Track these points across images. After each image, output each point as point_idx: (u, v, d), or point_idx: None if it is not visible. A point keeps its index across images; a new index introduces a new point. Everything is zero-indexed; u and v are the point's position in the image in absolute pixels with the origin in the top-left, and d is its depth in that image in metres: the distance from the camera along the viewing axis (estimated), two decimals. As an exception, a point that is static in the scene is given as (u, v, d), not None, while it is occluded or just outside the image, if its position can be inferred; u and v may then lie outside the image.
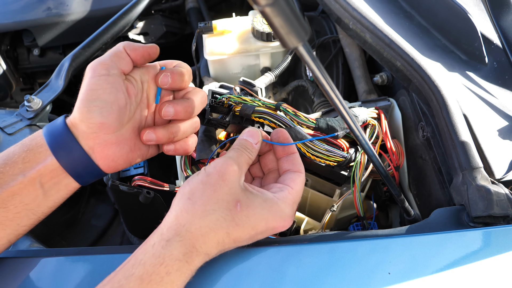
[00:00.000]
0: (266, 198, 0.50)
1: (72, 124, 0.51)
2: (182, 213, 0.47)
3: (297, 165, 0.56)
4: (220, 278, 0.50)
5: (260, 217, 0.49)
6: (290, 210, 0.51)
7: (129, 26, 1.11)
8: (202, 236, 0.46)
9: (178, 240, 0.45)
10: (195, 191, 0.48)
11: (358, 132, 0.50)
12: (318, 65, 0.42)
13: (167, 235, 0.46)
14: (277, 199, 0.51)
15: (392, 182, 0.59)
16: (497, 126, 0.66)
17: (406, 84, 0.74)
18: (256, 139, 0.55)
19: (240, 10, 1.46)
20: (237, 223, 0.47)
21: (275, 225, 0.50)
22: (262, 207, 0.49)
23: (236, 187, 0.49)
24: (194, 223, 0.46)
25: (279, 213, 0.50)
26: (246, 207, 0.48)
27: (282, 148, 0.57)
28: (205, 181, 0.48)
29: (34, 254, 0.57)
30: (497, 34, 0.71)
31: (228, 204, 0.47)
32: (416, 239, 0.53)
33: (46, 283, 0.54)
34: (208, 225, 0.46)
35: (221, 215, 0.47)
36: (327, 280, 0.49)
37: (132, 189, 0.73)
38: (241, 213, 0.48)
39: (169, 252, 0.44)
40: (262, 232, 0.50)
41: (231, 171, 0.49)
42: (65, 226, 0.89)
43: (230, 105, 0.68)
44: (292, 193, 0.52)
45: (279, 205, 0.50)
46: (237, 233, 0.48)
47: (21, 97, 1.31)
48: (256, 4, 0.35)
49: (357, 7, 0.79)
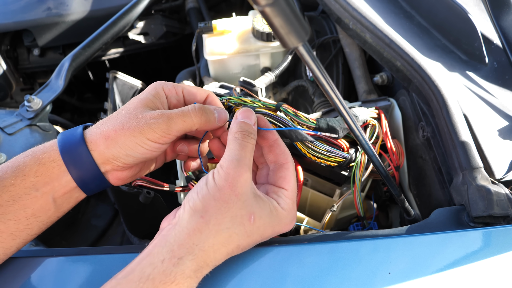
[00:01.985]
0: (273, 207, 0.50)
1: (91, 142, 0.50)
2: (195, 232, 0.45)
3: (281, 154, 0.54)
4: (221, 278, 0.50)
5: (268, 225, 0.49)
6: (292, 214, 0.52)
7: (129, 26, 1.12)
8: (214, 253, 0.46)
9: (191, 259, 0.44)
10: (208, 208, 0.46)
11: (358, 132, 0.50)
12: (318, 65, 0.42)
13: (178, 253, 0.44)
14: (282, 209, 0.51)
15: (392, 182, 0.59)
16: (497, 126, 0.66)
17: (406, 84, 0.74)
18: (252, 119, 0.53)
19: (240, 10, 1.46)
20: (248, 235, 0.48)
21: (279, 230, 0.51)
22: (270, 216, 0.49)
23: (250, 198, 0.48)
24: (208, 242, 0.45)
25: (283, 219, 0.51)
26: (259, 218, 0.48)
27: (260, 136, 0.55)
28: (218, 197, 0.46)
29: (34, 254, 0.57)
30: (497, 34, 0.71)
31: (242, 219, 0.47)
32: (416, 239, 0.53)
33: (46, 283, 0.54)
34: (220, 242, 0.46)
35: (234, 231, 0.46)
36: (328, 280, 0.49)
37: (132, 189, 0.73)
38: (253, 225, 0.48)
39: (181, 271, 0.43)
40: (267, 237, 0.51)
41: (243, 182, 0.47)
42: (65, 226, 0.89)
43: (230, 106, 0.68)
44: (289, 195, 0.52)
45: (283, 212, 0.51)
46: (246, 243, 0.48)
47: (21, 97, 1.31)
48: (256, 4, 0.35)
49: (357, 7, 0.79)
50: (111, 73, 1.03)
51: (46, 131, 0.88)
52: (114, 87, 1.02)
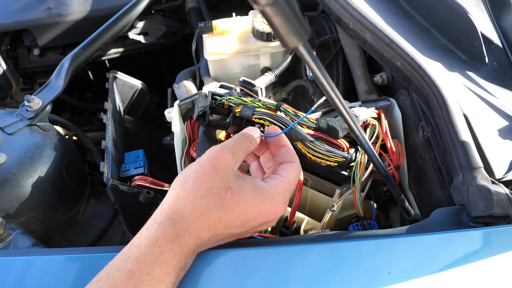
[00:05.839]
0: (257, 185, 0.51)
1: None
2: (175, 200, 0.49)
3: (289, 156, 0.57)
4: (222, 278, 0.50)
5: (250, 202, 0.50)
6: (281, 197, 0.52)
7: (129, 26, 1.11)
8: (194, 220, 0.48)
9: (170, 223, 0.47)
10: (187, 179, 0.50)
11: (358, 132, 0.50)
12: (318, 65, 0.42)
13: (160, 219, 0.48)
14: (268, 186, 0.52)
15: (392, 182, 0.59)
16: (497, 126, 0.66)
17: (406, 84, 0.74)
18: (256, 133, 0.57)
19: (240, 10, 1.46)
20: (227, 208, 0.49)
21: (266, 211, 0.51)
22: (253, 193, 0.50)
23: (228, 174, 0.50)
24: (186, 208, 0.48)
25: (269, 199, 0.51)
26: (237, 193, 0.49)
27: (274, 143, 0.59)
28: (197, 170, 0.50)
29: (34, 254, 0.57)
30: (497, 34, 0.71)
31: (219, 191, 0.49)
32: (417, 239, 0.53)
33: (47, 283, 0.54)
34: (198, 210, 0.48)
35: (211, 200, 0.48)
36: (328, 280, 0.50)
37: (132, 189, 0.73)
38: (231, 199, 0.49)
39: (161, 234, 0.46)
40: (253, 218, 0.50)
41: (223, 159, 0.50)
42: (65, 226, 0.89)
43: (230, 106, 0.68)
44: (283, 181, 0.53)
45: (269, 191, 0.51)
46: (227, 218, 0.49)
47: (21, 97, 1.31)
48: (256, 4, 0.35)
49: (357, 7, 0.79)
50: (111, 73, 1.03)
51: (46, 131, 0.88)
52: (114, 87, 1.02)
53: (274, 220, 0.54)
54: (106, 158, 0.77)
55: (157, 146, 1.04)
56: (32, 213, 0.80)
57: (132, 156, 0.83)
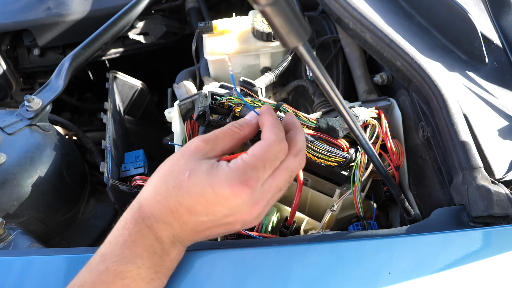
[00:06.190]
0: (216, 165, 0.48)
1: None
2: (145, 186, 0.51)
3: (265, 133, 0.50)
4: (222, 278, 0.50)
5: (205, 182, 0.46)
6: (237, 175, 0.46)
7: (129, 26, 1.11)
8: (157, 203, 0.48)
9: (138, 206, 0.49)
10: (159, 168, 0.51)
11: (358, 132, 0.50)
12: (318, 65, 0.42)
13: (131, 205, 0.51)
14: (225, 164, 0.48)
15: (392, 182, 0.59)
16: (497, 126, 0.66)
17: (406, 84, 0.74)
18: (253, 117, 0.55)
19: (240, 10, 1.46)
20: (185, 191, 0.47)
21: (222, 192, 0.46)
22: (208, 172, 0.47)
23: (194, 159, 0.49)
24: (150, 191, 0.49)
25: (224, 177, 0.46)
26: (194, 174, 0.47)
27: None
28: (169, 159, 0.51)
29: (34, 254, 0.57)
30: (497, 34, 0.71)
31: (178, 174, 0.49)
32: (417, 239, 0.53)
33: (47, 283, 0.54)
34: (160, 194, 0.48)
35: (170, 183, 0.48)
36: (328, 280, 0.50)
37: (132, 189, 0.73)
38: (188, 181, 0.47)
39: (130, 216, 0.49)
40: (214, 201, 0.46)
41: (192, 147, 0.50)
42: (65, 226, 0.89)
43: (230, 106, 0.68)
44: (244, 157, 0.48)
45: (225, 169, 0.47)
46: (187, 201, 0.47)
47: (21, 97, 1.31)
48: (256, 4, 0.35)
49: (357, 7, 0.79)
50: (111, 73, 1.03)
51: (46, 131, 0.88)
52: (114, 87, 1.02)
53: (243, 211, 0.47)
54: (106, 158, 0.77)
55: (157, 146, 1.04)
56: (32, 213, 0.80)
57: (132, 156, 0.83)
